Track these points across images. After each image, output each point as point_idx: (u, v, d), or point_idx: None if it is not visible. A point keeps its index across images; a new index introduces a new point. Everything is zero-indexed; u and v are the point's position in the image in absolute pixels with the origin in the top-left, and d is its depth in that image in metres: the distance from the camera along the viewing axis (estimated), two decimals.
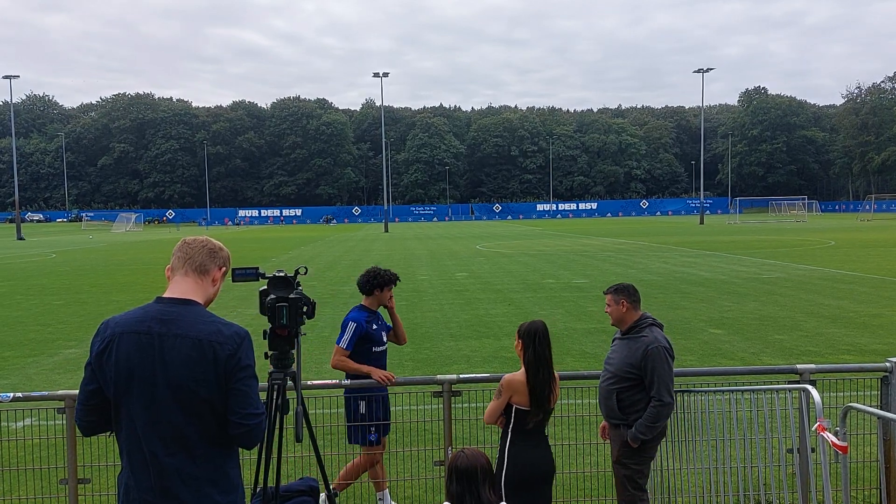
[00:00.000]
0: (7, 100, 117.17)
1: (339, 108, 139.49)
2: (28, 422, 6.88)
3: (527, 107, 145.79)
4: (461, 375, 5.03)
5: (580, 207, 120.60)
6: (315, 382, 5.26)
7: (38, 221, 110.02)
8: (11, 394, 4.62)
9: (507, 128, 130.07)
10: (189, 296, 2.70)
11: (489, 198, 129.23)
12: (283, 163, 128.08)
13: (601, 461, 5.79)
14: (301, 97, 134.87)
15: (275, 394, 3.17)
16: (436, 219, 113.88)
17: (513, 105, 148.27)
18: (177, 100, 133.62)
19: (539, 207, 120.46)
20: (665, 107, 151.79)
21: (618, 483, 4.52)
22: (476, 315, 14.41)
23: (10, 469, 5.64)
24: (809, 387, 4.35)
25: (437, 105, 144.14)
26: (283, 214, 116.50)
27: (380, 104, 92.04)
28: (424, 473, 5.58)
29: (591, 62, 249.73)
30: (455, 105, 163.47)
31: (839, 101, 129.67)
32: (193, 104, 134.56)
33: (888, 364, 4.62)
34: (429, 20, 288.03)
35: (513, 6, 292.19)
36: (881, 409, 4.61)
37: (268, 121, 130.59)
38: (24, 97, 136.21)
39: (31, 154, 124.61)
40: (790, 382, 5.05)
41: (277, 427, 3.17)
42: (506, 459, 3.98)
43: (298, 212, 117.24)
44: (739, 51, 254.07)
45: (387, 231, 65.18)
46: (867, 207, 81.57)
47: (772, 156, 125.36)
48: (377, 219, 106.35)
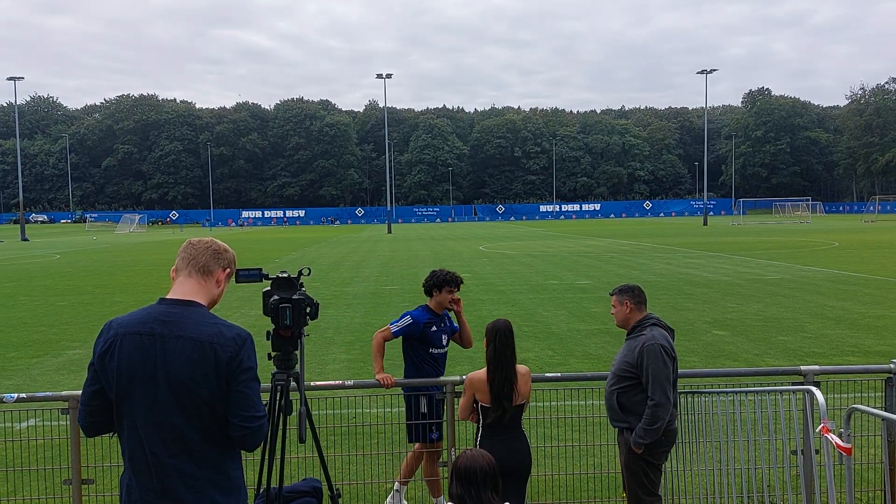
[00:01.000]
0: (11, 101, 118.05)
1: (343, 110, 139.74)
2: (32, 422, 6.90)
3: (530, 108, 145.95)
4: (464, 377, 5.02)
5: (583, 208, 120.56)
6: (318, 383, 5.29)
7: (43, 222, 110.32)
8: (15, 394, 4.63)
9: (511, 129, 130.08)
10: (192, 297, 2.70)
11: (492, 199, 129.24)
12: (287, 164, 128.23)
13: (604, 463, 5.78)
14: (304, 98, 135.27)
15: (278, 395, 3.17)
16: (439, 220, 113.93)
17: (516, 106, 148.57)
18: (180, 101, 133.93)
19: (542, 208, 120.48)
20: (668, 108, 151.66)
21: (628, 488, 4.50)
22: (479, 316, 14.36)
23: (14, 469, 5.64)
24: (813, 388, 4.33)
25: (441, 106, 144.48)
26: (287, 216, 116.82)
27: (383, 105, 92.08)
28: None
29: (595, 63, 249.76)
30: (458, 106, 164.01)
31: (843, 102, 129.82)
32: (197, 105, 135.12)
33: (892, 365, 4.61)
34: (432, 21, 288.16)
35: (516, 7, 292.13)
36: (886, 411, 4.59)
37: (271, 122, 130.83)
38: (29, 98, 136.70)
39: (36, 155, 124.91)
40: (794, 384, 5.03)
41: (281, 428, 3.17)
42: None
43: (302, 213, 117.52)
44: (743, 51, 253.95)
45: (390, 232, 65.19)
46: (871, 208, 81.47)
47: (775, 157, 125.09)
48: (380, 220, 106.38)
